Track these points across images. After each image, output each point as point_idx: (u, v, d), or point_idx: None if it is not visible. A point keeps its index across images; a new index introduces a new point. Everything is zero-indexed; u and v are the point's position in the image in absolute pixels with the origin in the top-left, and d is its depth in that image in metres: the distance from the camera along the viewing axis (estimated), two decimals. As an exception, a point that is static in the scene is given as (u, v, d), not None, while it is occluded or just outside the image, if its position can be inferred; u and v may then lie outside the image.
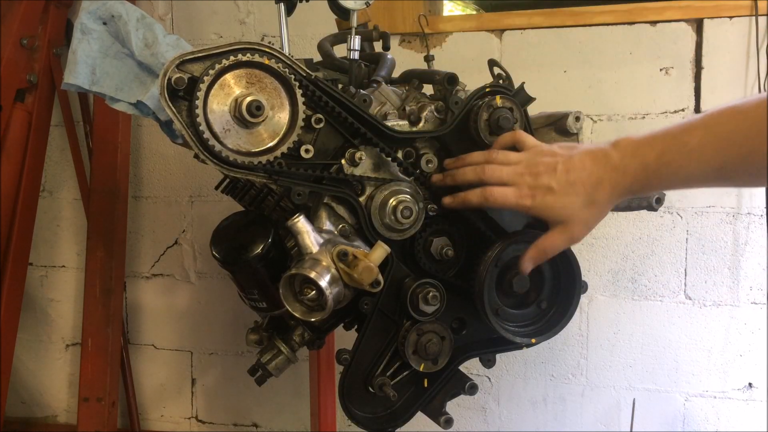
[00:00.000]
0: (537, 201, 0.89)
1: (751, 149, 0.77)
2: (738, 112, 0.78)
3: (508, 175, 0.91)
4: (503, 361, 1.97)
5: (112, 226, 2.05)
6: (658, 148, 0.83)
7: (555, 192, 0.88)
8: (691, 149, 0.80)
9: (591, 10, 1.82)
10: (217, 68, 0.87)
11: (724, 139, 0.79)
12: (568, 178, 0.88)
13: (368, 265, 0.91)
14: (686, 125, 0.82)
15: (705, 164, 0.80)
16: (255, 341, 1.16)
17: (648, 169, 0.84)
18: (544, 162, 0.90)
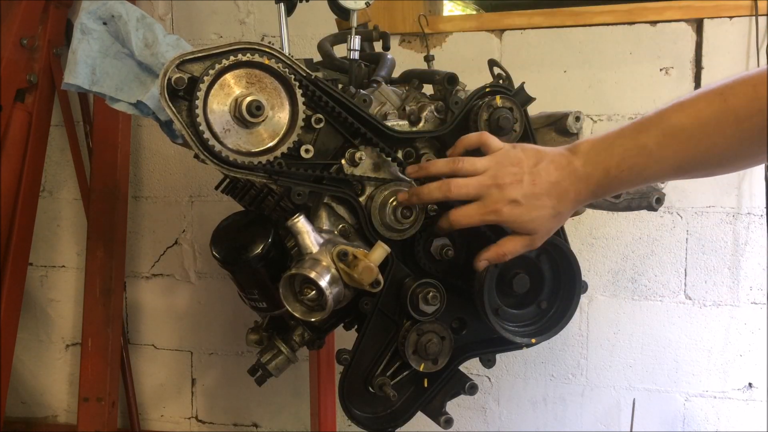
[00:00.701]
0: (503, 215, 0.88)
1: (708, 145, 0.78)
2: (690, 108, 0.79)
3: (474, 190, 0.89)
4: (503, 361, 1.97)
5: (112, 226, 2.05)
6: (617, 152, 0.83)
7: (521, 205, 0.87)
8: (650, 151, 0.81)
9: (591, 10, 1.82)
10: (217, 68, 0.87)
11: (679, 137, 0.79)
12: (534, 191, 0.87)
13: (368, 265, 0.91)
14: (641, 125, 0.83)
15: (664, 164, 0.81)
16: (255, 341, 1.16)
17: (610, 174, 0.84)
18: (511, 173, 0.88)
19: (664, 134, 0.80)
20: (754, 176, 1.76)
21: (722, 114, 0.76)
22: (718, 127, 0.77)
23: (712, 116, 0.77)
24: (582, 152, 0.86)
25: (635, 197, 1.14)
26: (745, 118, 0.75)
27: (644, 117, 0.83)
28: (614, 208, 1.15)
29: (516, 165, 0.88)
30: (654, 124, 0.81)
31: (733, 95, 0.76)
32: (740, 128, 0.75)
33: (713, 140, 0.77)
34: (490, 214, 0.88)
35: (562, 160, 0.87)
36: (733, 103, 0.76)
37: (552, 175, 0.87)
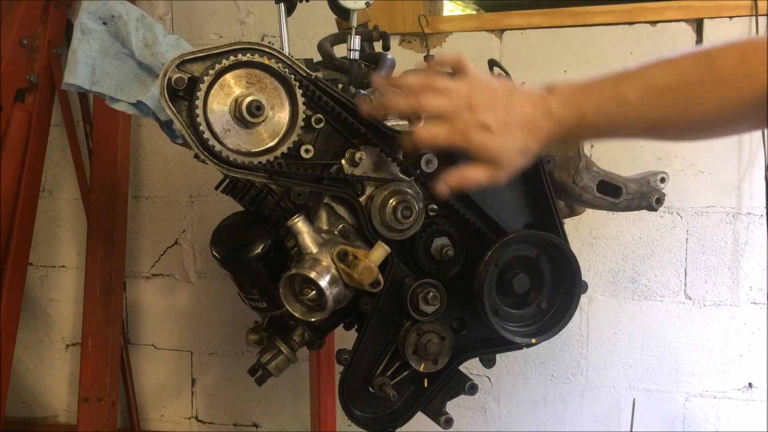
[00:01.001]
0: (472, 140, 0.83)
1: (687, 105, 0.77)
2: (675, 66, 0.78)
3: (444, 108, 0.84)
4: (503, 361, 1.97)
5: (112, 226, 2.05)
6: (595, 98, 0.81)
7: (492, 132, 0.83)
8: (629, 102, 0.79)
9: (591, 10, 1.82)
10: (217, 68, 0.87)
11: (661, 93, 0.78)
12: (506, 120, 0.83)
13: (368, 265, 0.91)
14: (624, 75, 0.80)
15: (641, 118, 0.80)
16: (255, 341, 1.16)
17: (584, 120, 0.81)
18: (484, 97, 0.84)
19: (646, 88, 0.78)
20: (754, 176, 1.76)
21: (707, 76, 0.75)
22: (701, 89, 0.76)
23: (696, 77, 0.76)
24: (560, 93, 0.83)
25: (635, 197, 1.14)
26: (729, 83, 0.74)
27: (627, 69, 0.81)
28: (614, 208, 1.15)
29: (491, 91, 0.85)
30: (637, 77, 0.80)
31: (720, 59, 0.75)
32: (723, 93, 0.75)
33: (694, 101, 0.76)
34: (458, 136, 0.83)
35: (537, 97, 0.84)
36: (719, 66, 0.75)
37: (526, 109, 0.83)
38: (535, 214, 1.07)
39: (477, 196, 1.03)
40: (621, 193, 1.13)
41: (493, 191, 1.04)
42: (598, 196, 1.11)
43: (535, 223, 1.07)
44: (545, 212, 1.07)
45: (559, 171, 1.10)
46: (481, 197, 1.03)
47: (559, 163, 1.10)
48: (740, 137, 1.76)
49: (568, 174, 1.09)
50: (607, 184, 1.12)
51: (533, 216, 1.07)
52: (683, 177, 1.81)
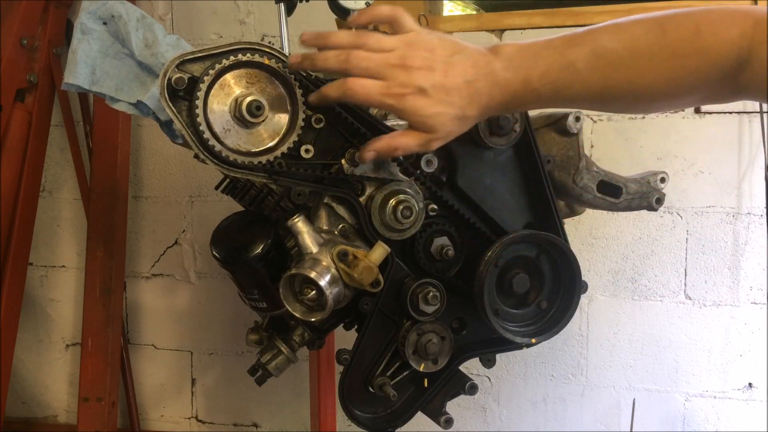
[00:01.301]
0: (405, 103, 0.78)
1: (636, 75, 0.74)
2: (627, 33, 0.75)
3: (376, 66, 0.78)
4: (503, 361, 1.97)
5: (112, 226, 2.05)
6: (542, 63, 0.76)
7: (428, 96, 0.77)
8: (577, 69, 0.75)
9: (591, 10, 1.82)
10: (217, 68, 0.87)
11: (610, 61, 0.74)
12: (444, 83, 0.77)
13: (368, 265, 0.91)
14: (572, 40, 0.77)
15: (588, 87, 0.76)
16: (255, 341, 1.16)
17: (530, 85, 0.77)
18: (421, 56, 0.78)
19: (595, 55, 0.75)
20: (754, 176, 1.76)
21: (658, 46, 0.73)
22: (650, 59, 0.73)
23: (646, 46, 0.73)
24: (505, 55, 0.78)
25: (635, 197, 1.14)
26: (680, 56, 0.72)
27: (576, 32, 0.77)
28: (614, 208, 1.15)
29: (429, 51, 0.78)
30: (585, 42, 0.76)
31: (673, 31, 0.73)
32: (673, 64, 0.72)
33: (643, 71, 0.74)
34: (391, 98, 0.78)
35: (480, 59, 0.78)
36: (672, 38, 0.72)
37: (467, 72, 0.78)
38: (535, 214, 1.07)
39: (477, 196, 1.03)
40: (621, 193, 1.13)
41: (493, 191, 1.04)
42: (598, 196, 1.11)
43: (535, 223, 1.07)
44: (545, 212, 1.07)
45: (559, 171, 1.10)
46: (481, 197, 1.03)
47: (559, 163, 1.10)
48: (740, 137, 1.76)
49: (568, 174, 1.09)
50: (607, 184, 1.12)
51: (533, 216, 1.07)
52: (683, 177, 1.81)
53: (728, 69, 0.71)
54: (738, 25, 0.70)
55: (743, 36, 0.70)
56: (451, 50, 0.79)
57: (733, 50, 0.70)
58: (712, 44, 0.71)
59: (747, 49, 0.69)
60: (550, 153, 1.09)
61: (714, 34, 0.71)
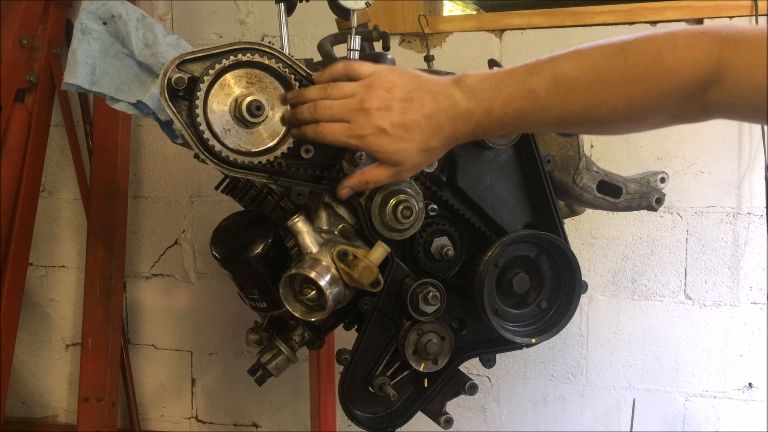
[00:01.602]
0: (367, 142, 0.84)
1: (598, 101, 0.75)
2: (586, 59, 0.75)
3: (340, 112, 0.85)
4: (503, 361, 1.97)
5: (112, 226, 2.05)
6: (505, 93, 0.79)
7: (388, 134, 0.82)
8: (538, 96, 0.77)
9: (591, 10, 1.82)
10: (217, 68, 0.87)
11: (570, 88, 0.75)
12: (403, 121, 0.82)
13: (368, 265, 0.91)
14: (534, 67, 0.79)
15: (550, 113, 0.78)
16: (255, 341, 1.16)
17: (492, 115, 0.79)
18: (379, 97, 0.83)
19: (556, 82, 0.76)
20: (754, 176, 1.76)
21: (618, 71, 0.73)
22: (611, 84, 0.74)
23: (607, 71, 0.74)
24: (467, 86, 0.81)
25: (635, 197, 1.14)
26: (642, 80, 0.72)
27: (539, 60, 0.79)
28: (614, 208, 1.15)
29: (387, 90, 0.83)
30: (546, 69, 0.77)
31: (634, 54, 0.73)
32: (635, 89, 0.73)
33: (605, 96, 0.74)
34: (355, 139, 0.84)
35: (441, 92, 0.82)
36: (632, 63, 0.72)
37: (426, 107, 0.82)
38: (535, 214, 1.08)
39: (477, 196, 1.03)
40: (621, 193, 1.13)
41: (493, 191, 1.04)
42: (598, 196, 1.12)
43: (535, 223, 1.07)
44: (545, 212, 1.07)
45: (559, 171, 1.10)
46: (481, 197, 1.03)
47: (559, 163, 1.10)
48: (740, 137, 1.76)
49: (568, 174, 1.09)
50: (607, 184, 1.12)
51: (533, 216, 1.08)
52: (683, 177, 1.81)
53: (693, 90, 0.71)
54: (703, 47, 0.70)
55: (709, 57, 0.70)
56: (410, 86, 0.83)
57: (698, 72, 0.70)
58: (674, 67, 0.71)
59: (714, 70, 0.69)
60: (550, 153, 1.09)
61: (676, 58, 0.71)
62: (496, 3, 3.04)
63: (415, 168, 0.88)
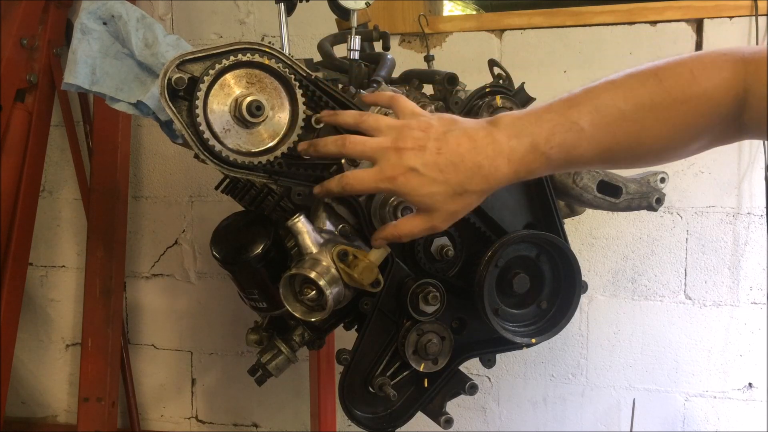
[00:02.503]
0: (397, 184, 0.77)
1: (642, 127, 0.73)
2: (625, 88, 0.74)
3: (371, 150, 0.79)
4: (503, 361, 1.97)
5: (112, 226, 2.05)
6: (546, 127, 0.75)
7: (420, 175, 0.76)
8: (582, 128, 0.74)
9: (591, 10, 1.82)
10: (217, 68, 0.87)
11: (614, 118, 0.73)
12: (437, 161, 0.76)
13: (368, 265, 0.91)
14: (570, 101, 0.76)
15: (595, 144, 0.74)
16: (255, 341, 1.16)
17: (537, 149, 0.75)
18: (413, 137, 0.77)
19: (598, 112, 0.74)
20: (754, 176, 1.76)
21: (658, 96, 0.72)
22: (653, 109, 0.72)
23: (647, 97, 0.72)
24: (505, 124, 0.77)
25: (635, 197, 1.14)
26: (681, 102, 0.71)
27: (572, 93, 0.76)
28: (614, 208, 1.15)
29: (423, 130, 0.78)
30: (585, 100, 0.75)
31: (668, 77, 0.72)
32: (676, 112, 0.72)
33: (648, 123, 0.73)
34: (385, 181, 0.78)
35: (479, 131, 0.77)
36: (669, 85, 0.72)
37: (463, 146, 0.76)
38: (535, 214, 1.07)
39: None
40: (621, 193, 1.13)
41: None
42: (598, 196, 1.11)
43: (535, 223, 1.07)
44: (545, 212, 1.07)
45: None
46: (481, 197, 1.03)
47: (559, 163, 1.09)
48: (740, 137, 1.76)
49: (568, 174, 1.09)
50: (607, 184, 1.12)
51: (533, 216, 1.07)
52: (683, 177, 1.81)
53: (730, 111, 0.71)
54: (727, 68, 0.70)
55: (736, 78, 0.70)
56: (446, 127, 0.78)
57: (730, 92, 0.70)
58: (709, 88, 0.71)
59: (743, 91, 0.70)
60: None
61: (708, 78, 0.71)
62: (496, 3, 3.04)
63: (450, 216, 0.81)
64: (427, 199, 0.78)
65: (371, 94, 0.88)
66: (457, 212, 0.81)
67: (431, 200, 0.78)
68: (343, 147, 0.82)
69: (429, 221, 0.81)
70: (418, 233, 0.83)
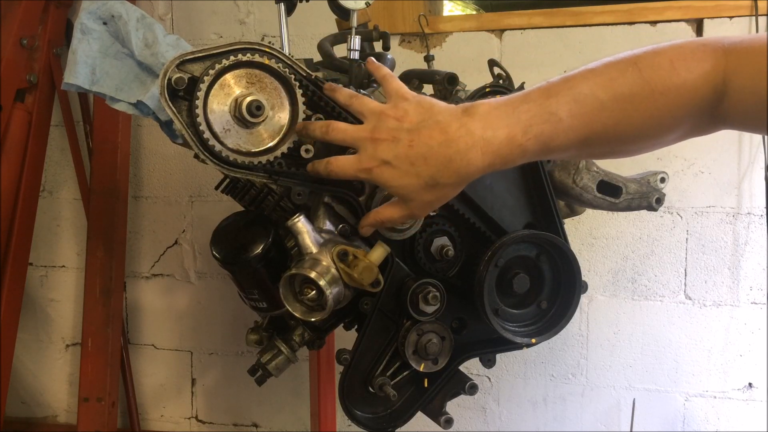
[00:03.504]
0: (373, 175, 0.80)
1: (620, 117, 0.73)
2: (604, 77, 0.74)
3: (351, 139, 0.82)
4: (503, 361, 1.97)
5: (112, 226, 2.05)
6: (523, 118, 0.74)
7: (393, 167, 0.78)
8: (560, 119, 0.73)
9: (591, 10, 1.82)
10: (217, 68, 0.87)
11: (592, 106, 0.73)
12: (408, 154, 0.77)
13: (368, 265, 0.91)
14: (548, 90, 0.75)
15: (574, 135, 0.74)
16: (255, 341, 1.16)
17: (514, 142, 0.74)
18: (388, 127, 0.79)
19: (575, 101, 0.73)
20: (754, 176, 1.76)
21: (637, 86, 0.72)
22: (632, 100, 0.72)
23: (626, 87, 0.72)
24: (480, 115, 0.76)
25: (635, 197, 1.14)
26: (661, 92, 0.71)
27: (550, 82, 0.76)
28: (614, 208, 1.15)
29: (398, 119, 0.79)
30: (563, 90, 0.74)
31: (647, 67, 0.72)
32: (655, 103, 0.71)
33: (627, 112, 0.72)
34: (363, 172, 0.81)
35: (453, 122, 0.76)
36: (648, 75, 0.71)
37: (434, 138, 0.76)
38: (535, 214, 1.07)
39: (477, 196, 1.03)
40: (621, 193, 1.13)
41: (492, 191, 1.04)
42: (598, 196, 1.11)
43: (535, 223, 1.07)
44: (545, 212, 1.07)
45: (559, 171, 1.10)
46: (481, 197, 1.03)
47: (559, 163, 1.10)
48: (740, 137, 1.76)
49: (568, 174, 1.09)
50: (607, 184, 1.12)
51: (533, 216, 1.07)
52: (683, 177, 1.81)
53: (707, 102, 0.71)
54: (708, 59, 0.70)
55: (716, 69, 0.70)
56: (421, 116, 0.78)
57: (708, 83, 0.70)
58: (688, 79, 0.70)
59: (722, 82, 0.70)
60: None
61: (688, 69, 0.70)
62: (496, 3, 3.04)
63: (427, 205, 0.83)
64: (401, 190, 0.80)
65: (374, 62, 0.90)
66: (432, 202, 0.83)
67: (405, 191, 0.80)
68: (326, 133, 0.86)
69: (406, 209, 0.84)
70: (398, 219, 0.87)
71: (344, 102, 0.88)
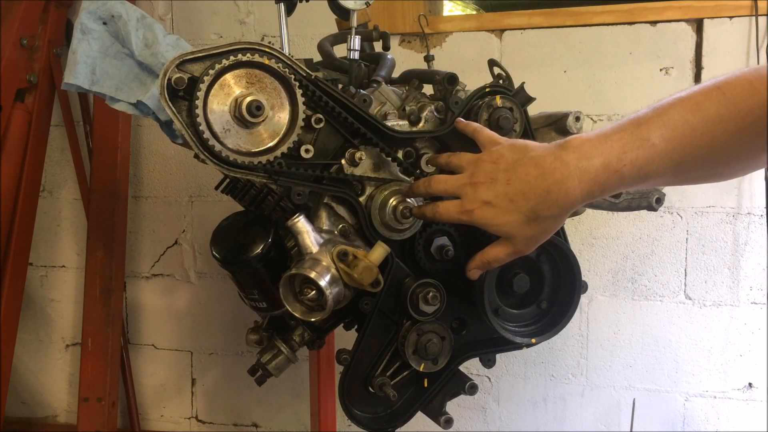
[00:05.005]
0: (475, 216, 0.84)
1: (711, 139, 0.75)
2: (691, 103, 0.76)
3: (452, 188, 0.88)
4: (503, 361, 1.97)
5: (112, 226, 2.05)
6: (616, 146, 0.77)
7: (494, 206, 0.82)
8: (653, 144, 0.76)
9: (591, 10, 1.82)
10: (217, 68, 0.87)
11: (683, 131, 0.75)
12: (507, 192, 0.81)
13: (368, 265, 0.91)
14: (640, 119, 0.78)
15: (667, 159, 0.76)
16: (255, 341, 1.16)
17: (609, 168, 0.77)
18: (485, 171, 0.84)
19: (666, 127, 0.75)
20: (754, 176, 1.76)
21: (724, 108, 0.74)
22: (720, 121, 0.74)
23: (713, 110, 0.74)
24: (573, 147, 0.79)
25: (635, 197, 1.14)
26: (746, 112, 0.73)
27: (639, 113, 0.78)
28: (614, 208, 1.15)
29: (494, 162, 0.84)
30: (654, 118, 0.77)
31: (730, 90, 0.74)
32: (743, 122, 0.73)
33: (717, 135, 0.74)
34: (465, 214, 0.85)
35: (547, 157, 0.80)
36: (732, 98, 0.74)
37: (530, 174, 0.80)
38: (535, 214, 1.07)
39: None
40: (621, 193, 1.13)
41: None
42: (598, 196, 1.11)
43: (535, 223, 1.07)
44: (545, 212, 1.06)
45: (559, 171, 1.10)
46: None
47: (559, 163, 1.09)
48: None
49: (568, 174, 1.09)
50: (607, 184, 1.11)
51: (533, 216, 1.07)
52: (683, 177, 1.80)
53: None
54: None
55: None
56: (516, 155, 0.83)
57: None
58: None
59: None
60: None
61: None
62: (496, 3, 3.04)
63: (530, 240, 0.85)
64: (504, 228, 0.84)
65: (461, 120, 0.97)
66: (536, 236, 0.85)
67: (507, 228, 0.83)
68: (429, 187, 0.91)
69: (511, 246, 0.86)
70: (504, 258, 0.88)
71: (444, 164, 0.93)
